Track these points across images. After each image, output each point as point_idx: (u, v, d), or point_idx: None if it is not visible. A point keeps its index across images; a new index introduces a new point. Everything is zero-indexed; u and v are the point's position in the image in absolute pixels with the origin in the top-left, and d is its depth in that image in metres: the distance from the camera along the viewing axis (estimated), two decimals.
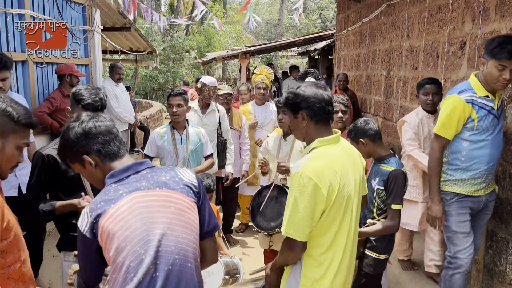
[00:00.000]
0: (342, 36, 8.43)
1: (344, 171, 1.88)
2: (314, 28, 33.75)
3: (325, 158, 1.85)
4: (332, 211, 1.83)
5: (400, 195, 2.60)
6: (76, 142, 1.59)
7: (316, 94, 1.90)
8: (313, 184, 1.76)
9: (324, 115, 1.91)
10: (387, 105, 5.74)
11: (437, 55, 4.25)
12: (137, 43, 9.10)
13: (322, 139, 1.90)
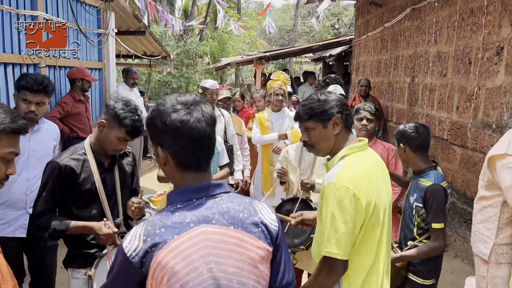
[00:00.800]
0: (362, 41, 8.19)
1: (378, 178, 1.72)
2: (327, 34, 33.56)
3: (359, 166, 1.70)
4: (370, 225, 1.65)
5: (441, 212, 2.36)
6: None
7: (340, 98, 1.83)
8: (351, 195, 1.59)
9: (350, 119, 1.82)
10: (411, 114, 5.48)
11: (469, 61, 3.99)
12: (151, 48, 8.96)
13: (352, 146, 1.75)
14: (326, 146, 1.81)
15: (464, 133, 4.01)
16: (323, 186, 1.67)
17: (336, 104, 1.77)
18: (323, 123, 1.77)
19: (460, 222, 4.06)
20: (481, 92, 3.75)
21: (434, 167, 2.51)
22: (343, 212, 1.58)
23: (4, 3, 3.89)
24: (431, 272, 2.46)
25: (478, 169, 3.77)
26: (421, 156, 2.52)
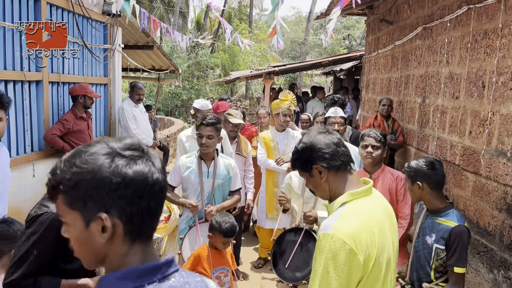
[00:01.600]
0: (372, 58, 8.06)
1: (382, 231, 1.56)
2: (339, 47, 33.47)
3: (360, 216, 1.53)
4: (369, 281, 1.49)
5: (465, 256, 2.21)
6: None
7: (321, 141, 1.65)
8: (347, 250, 1.44)
9: (339, 159, 1.63)
10: (422, 135, 5.31)
11: (482, 85, 3.83)
12: (159, 62, 8.94)
13: (353, 192, 1.59)
14: (322, 193, 1.70)
15: (477, 159, 3.83)
16: (319, 236, 1.52)
17: (315, 150, 1.64)
18: (308, 172, 1.67)
19: (473, 254, 3.85)
20: (495, 118, 3.57)
21: (451, 206, 2.36)
22: (337, 268, 1.44)
23: (7, 19, 3.85)
24: None
25: (492, 199, 3.59)
26: (438, 193, 2.36)
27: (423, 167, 2.38)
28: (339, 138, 1.69)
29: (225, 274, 2.93)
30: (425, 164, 2.39)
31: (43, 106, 4.48)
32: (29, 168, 4.15)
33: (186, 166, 3.40)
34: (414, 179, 2.40)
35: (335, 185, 1.64)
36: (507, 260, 3.31)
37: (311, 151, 1.64)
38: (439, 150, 4.72)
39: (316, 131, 1.71)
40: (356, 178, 1.67)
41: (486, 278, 3.61)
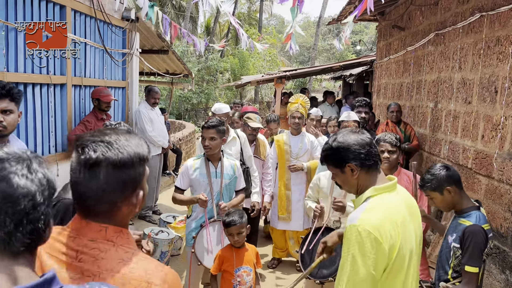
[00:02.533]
0: (383, 63, 8.15)
1: (405, 223, 1.67)
2: (347, 52, 33.55)
3: (384, 209, 1.65)
4: (393, 271, 1.60)
5: (478, 256, 2.23)
6: None
7: (357, 140, 1.74)
8: (372, 239, 1.56)
9: (372, 159, 1.74)
10: (434, 139, 5.39)
11: (495, 90, 3.92)
12: (173, 66, 9.11)
13: (378, 187, 1.70)
14: (349, 187, 1.81)
15: (490, 163, 3.91)
16: (346, 227, 1.64)
17: (351, 150, 1.73)
18: (340, 168, 1.77)
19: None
20: (508, 123, 3.66)
21: (477, 207, 2.40)
22: (364, 256, 1.56)
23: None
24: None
25: (504, 201, 3.67)
26: (464, 193, 2.43)
27: (441, 172, 2.41)
28: (371, 139, 1.77)
29: (247, 273, 3.00)
30: (440, 169, 2.44)
31: (66, 108, 4.64)
32: (54, 168, 4.31)
33: (194, 168, 3.49)
34: (441, 187, 2.40)
35: (363, 182, 1.74)
36: None
37: (346, 150, 1.73)
38: (451, 154, 4.80)
39: (350, 131, 1.80)
40: (382, 176, 1.77)
41: (498, 279, 3.68)
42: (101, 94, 4.89)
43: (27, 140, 4.05)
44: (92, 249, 1.09)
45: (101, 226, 1.12)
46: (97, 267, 1.07)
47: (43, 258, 1.10)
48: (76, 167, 1.11)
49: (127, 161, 1.11)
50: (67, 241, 1.11)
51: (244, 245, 3.10)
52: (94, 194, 1.10)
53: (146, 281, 1.07)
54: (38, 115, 4.19)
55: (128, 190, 1.13)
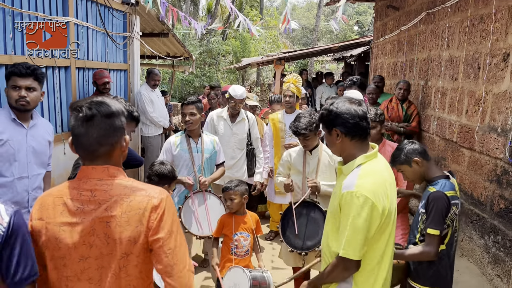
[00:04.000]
0: (379, 43, 8.29)
1: (390, 186, 1.89)
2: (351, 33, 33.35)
3: (376, 175, 1.85)
4: (383, 228, 1.84)
5: (439, 220, 2.39)
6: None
7: (349, 110, 1.87)
8: (370, 204, 1.75)
9: (358, 131, 1.88)
10: (424, 116, 5.59)
11: (478, 66, 4.11)
12: (174, 49, 9.28)
13: (368, 155, 1.89)
14: (333, 149, 1.99)
15: (472, 136, 4.12)
16: (342, 194, 1.81)
17: (339, 117, 1.86)
18: (328, 130, 1.95)
19: (467, 222, 4.18)
20: (488, 97, 3.86)
21: (444, 176, 2.54)
22: (362, 219, 1.75)
23: (38, 9, 4.22)
24: (431, 279, 2.46)
25: (484, 171, 3.89)
26: (431, 164, 2.59)
27: (407, 146, 2.59)
28: (364, 112, 1.89)
29: (244, 238, 3.21)
30: (406, 144, 2.62)
31: (71, 90, 4.87)
32: (61, 147, 4.57)
33: (176, 144, 3.71)
34: (409, 160, 2.56)
35: (348, 149, 1.91)
36: (496, 226, 3.63)
37: (336, 115, 1.88)
38: (439, 129, 5.01)
39: (349, 100, 1.92)
40: (367, 146, 1.93)
41: (478, 244, 3.93)
42: (96, 77, 5.09)
43: None
44: (101, 185, 1.44)
45: (103, 168, 1.46)
46: (109, 195, 1.43)
47: (68, 202, 1.44)
48: (76, 123, 1.44)
49: (114, 112, 1.46)
50: (82, 186, 1.45)
51: (246, 213, 3.31)
52: (96, 140, 1.43)
53: (147, 195, 1.45)
54: (44, 97, 4.42)
55: (118, 135, 1.47)
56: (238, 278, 2.89)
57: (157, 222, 1.42)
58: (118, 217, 1.39)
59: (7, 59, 3.80)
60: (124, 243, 1.40)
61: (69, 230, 1.40)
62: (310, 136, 3.30)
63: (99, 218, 1.39)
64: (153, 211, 1.42)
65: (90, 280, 1.41)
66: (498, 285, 3.54)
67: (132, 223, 1.40)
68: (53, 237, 1.41)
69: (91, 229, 1.39)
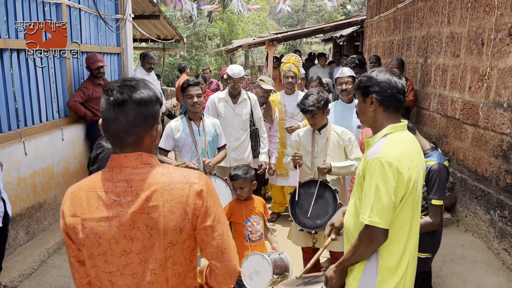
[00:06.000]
0: (374, 22, 8.22)
1: (417, 159, 1.86)
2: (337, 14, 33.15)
3: (402, 144, 1.82)
4: (409, 199, 1.79)
5: (442, 190, 2.48)
6: None
7: (389, 80, 1.85)
8: (394, 169, 1.71)
9: (394, 103, 1.86)
10: (423, 94, 5.58)
11: (482, 42, 4.08)
12: (165, 31, 9.09)
13: (395, 125, 1.86)
14: (364, 118, 1.95)
15: (476, 112, 4.12)
16: (367, 161, 1.78)
17: (378, 85, 1.85)
18: (363, 97, 1.91)
19: (471, 199, 4.21)
20: (493, 72, 3.85)
21: (435, 148, 2.63)
22: (387, 185, 1.71)
23: None
24: (427, 246, 2.57)
25: (489, 147, 3.91)
26: (422, 138, 2.66)
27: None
28: (403, 85, 1.87)
29: (257, 223, 3.19)
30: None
31: (66, 75, 4.73)
32: (59, 133, 4.45)
33: (177, 129, 3.61)
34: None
35: (379, 119, 1.88)
36: (503, 201, 3.66)
37: (375, 83, 1.85)
38: (440, 107, 5.01)
39: (390, 72, 1.89)
40: (398, 119, 1.91)
41: (484, 219, 3.98)
42: (90, 61, 4.94)
43: (32, 106, 4.17)
44: (137, 174, 1.34)
45: (136, 155, 1.35)
46: (147, 184, 1.33)
47: (102, 196, 1.33)
48: (107, 107, 1.33)
49: (146, 99, 1.34)
50: (115, 176, 1.34)
51: (252, 198, 3.27)
52: (124, 128, 1.32)
53: (187, 182, 1.36)
54: (40, 82, 4.29)
55: (149, 124, 1.36)
56: (258, 265, 2.85)
57: (204, 209, 1.36)
58: (161, 207, 1.31)
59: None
60: (170, 233, 1.33)
61: (107, 225, 1.31)
62: (318, 114, 3.26)
63: (139, 210, 1.31)
64: (197, 197, 1.35)
65: (134, 275, 1.35)
66: (505, 258, 3.59)
67: (176, 212, 1.33)
68: (92, 234, 1.33)
69: (132, 221, 1.31)
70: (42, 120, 4.36)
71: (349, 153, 3.31)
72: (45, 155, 4.20)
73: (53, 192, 4.33)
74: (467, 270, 3.67)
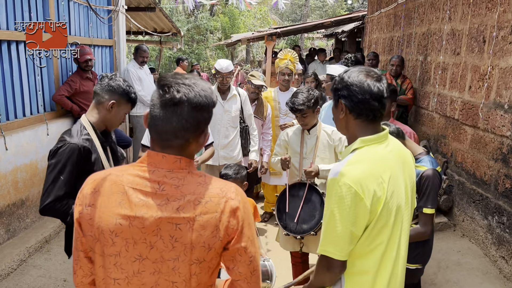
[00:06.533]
0: (374, 18, 8.04)
1: (393, 177, 1.55)
2: (340, 9, 32.86)
3: (368, 162, 1.53)
4: (378, 226, 1.52)
5: (434, 198, 2.32)
6: None
7: (361, 83, 1.55)
8: (352, 193, 1.45)
9: (365, 110, 1.56)
10: (423, 93, 5.42)
11: (483, 40, 3.91)
12: (161, 24, 8.91)
13: (365, 139, 1.56)
14: (337, 125, 1.71)
15: (476, 113, 3.96)
16: (328, 181, 1.56)
17: (347, 88, 1.57)
18: (335, 100, 1.66)
19: (469, 203, 4.06)
20: (495, 72, 3.68)
21: (427, 152, 2.47)
22: (343, 211, 1.47)
23: None
24: (416, 257, 2.41)
25: (489, 150, 3.75)
26: (411, 142, 2.50)
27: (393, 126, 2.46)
28: (380, 90, 1.55)
29: None
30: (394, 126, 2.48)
31: (53, 68, 4.58)
32: (44, 127, 4.31)
33: None
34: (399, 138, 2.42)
35: (350, 128, 1.62)
36: (501, 206, 3.51)
37: (346, 86, 1.58)
38: (439, 106, 4.85)
39: (366, 72, 1.59)
40: (375, 128, 1.61)
41: (481, 224, 3.83)
42: (80, 54, 4.76)
43: (14, 100, 4.02)
44: (171, 178, 1.22)
45: (176, 158, 1.23)
46: (180, 192, 1.21)
47: (129, 192, 1.21)
48: (159, 103, 1.20)
49: (203, 104, 1.21)
50: (147, 174, 1.22)
51: None
52: (173, 130, 1.20)
53: (224, 196, 1.23)
54: (24, 74, 4.14)
55: (200, 130, 1.25)
56: None
57: (239, 229, 1.24)
58: (192, 220, 1.19)
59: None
60: (197, 249, 1.21)
61: (127, 224, 1.19)
62: (308, 114, 3.09)
63: (167, 218, 1.19)
64: (232, 215, 1.23)
65: (143, 286, 1.21)
66: (502, 266, 3.44)
67: (208, 228, 1.21)
68: (108, 230, 1.20)
69: (156, 227, 1.19)
70: (26, 114, 4.21)
71: (339, 154, 3.15)
72: (28, 150, 4.06)
73: (36, 189, 4.19)
74: (463, 277, 3.53)
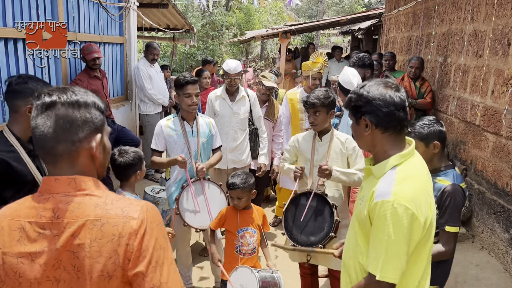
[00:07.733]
0: (392, 16, 7.80)
1: (430, 191, 1.58)
2: (357, 5, 32.40)
3: (416, 179, 1.52)
4: (423, 241, 1.54)
5: (457, 215, 2.15)
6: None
7: (383, 95, 1.52)
8: (410, 215, 1.44)
9: (393, 122, 1.53)
10: (441, 96, 5.20)
11: (508, 42, 3.70)
12: (174, 21, 8.81)
13: (403, 153, 1.54)
14: (361, 143, 1.65)
15: (499, 119, 3.75)
16: (376, 203, 1.49)
17: (370, 103, 1.53)
18: (356, 119, 1.60)
19: (489, 214, 3.86)
20: None
21: (452, 166, 2.30)
22: (401, 233, 1.44)
23: None
24: (436, 277, 2.22)
25: None
26: (443, 154, 2.32)
27: (436, 126, 2.28)
28: (402, 99, 1.54)
29: (250, 235, 2.90)
30: (435, 122, 2.30)
31: (61, 66, 4.50)
32: None
33: (168, 128, 3.29)
34: (429, 140, 2.27)
35: (378, 143, 1.58)
36: None
37: (367, 101, 1.54)
38: (459, 111, 4.64)
39: (384, 84, 1.57)
40: (403, 141, 1.60)
41: (502, 238, 3.63)
42: (85, 52, 4.66)
43: None
44: (66, 203, 1.11)
45: (69, 178, 1.14)
46: (75, 216, 1.10)
47: (26, 226, 1.12)
48: (35, 114, 1.14)
49: (81, 102, 1.15)
50: (42, 204, 1.13)
51: (251, 207, 2.98)
52: (52, 133, 1.12)
53: (124, 216, 1.11)
54: (30, 73, 4.06)
55: (83, 130, 1.15)
56: (245, 279, 2.60)
57: (135, 251, 1.09)
58: (87, 246, 1.08)
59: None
60: (95, 279, 1.08)
61: (28, 263, 1.09)
62: (321, 112, 2.92)
63: (64, 247, 1.08)
64: (132, 237, 1.10)
65: None
66: None
67: (104, 254, 1.08)
68: (11, 271, 1.10)
69: (56, 260, 1.09)
70: None
71: (352, 163, 2.98)
72: None
73: None
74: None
